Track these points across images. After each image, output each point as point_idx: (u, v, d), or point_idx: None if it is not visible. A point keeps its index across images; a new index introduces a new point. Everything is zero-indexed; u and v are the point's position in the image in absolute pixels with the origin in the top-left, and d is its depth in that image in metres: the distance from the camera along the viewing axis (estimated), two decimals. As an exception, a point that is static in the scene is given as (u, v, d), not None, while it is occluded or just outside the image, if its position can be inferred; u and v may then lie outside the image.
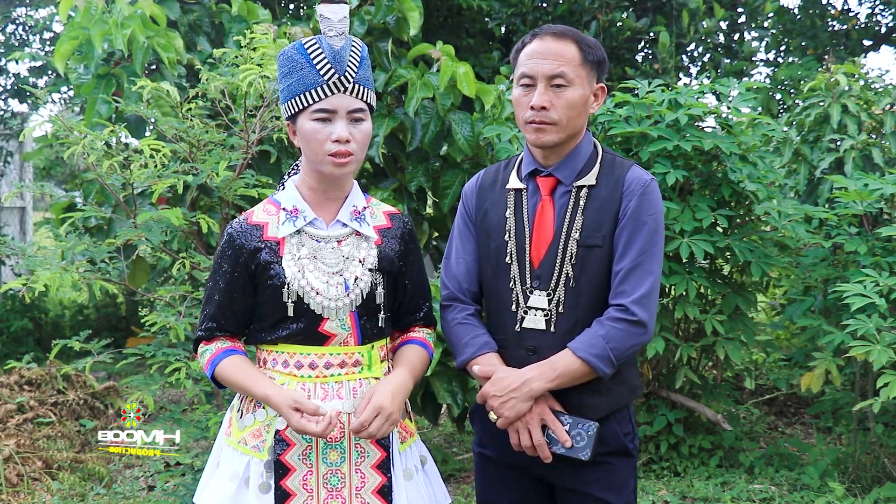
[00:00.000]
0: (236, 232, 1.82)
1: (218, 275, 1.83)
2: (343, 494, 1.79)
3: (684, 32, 6.58)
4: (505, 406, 1.80)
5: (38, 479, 3.82)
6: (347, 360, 1.82)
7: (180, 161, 3.09)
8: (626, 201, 1.83)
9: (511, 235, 1.88)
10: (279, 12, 5.16)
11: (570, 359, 1.79)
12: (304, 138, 1.76)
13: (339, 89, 1.74)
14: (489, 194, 1.95)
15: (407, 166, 4.15)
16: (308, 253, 1.80)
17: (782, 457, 4.10)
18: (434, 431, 4.76)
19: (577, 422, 1.81)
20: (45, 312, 7.44)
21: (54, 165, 10.48)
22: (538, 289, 1.85)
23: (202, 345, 1.86)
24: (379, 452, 1.83)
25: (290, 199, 1.83)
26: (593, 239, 1.82)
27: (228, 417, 1.91)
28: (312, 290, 1.77)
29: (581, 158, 1.89)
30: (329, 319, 1.79)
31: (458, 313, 1.94)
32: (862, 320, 3.16)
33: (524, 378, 1.80)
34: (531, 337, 1.85)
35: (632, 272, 1.80)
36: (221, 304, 1.82)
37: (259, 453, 1.79)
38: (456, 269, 1.97)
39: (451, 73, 3.81)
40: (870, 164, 4.04)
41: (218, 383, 1.87)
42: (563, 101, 1.82)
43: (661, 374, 4.03)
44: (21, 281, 2.86)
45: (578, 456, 1.80)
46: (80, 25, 3.65)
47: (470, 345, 1.89)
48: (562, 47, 1.82)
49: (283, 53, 1.79)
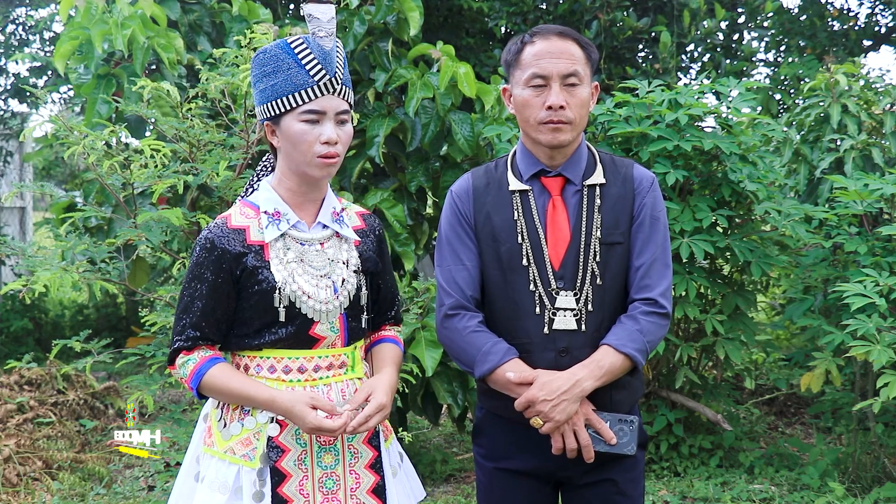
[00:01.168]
0: (216, 237, 1.75)
1: (198, 281, 1.75)
2: (339, 497, 1.77)
3: (685, 32, 6.58)
4: (556, 409, 1.76)
5: (38, 479, 3.82)
6: (335, 363, 1.81)
7: (180, 161, 3.10)
8: (639, 198, 1.87)
9: (524, 237, 1.86)
10: (280, 12, 5.16)
11: (613, 355, 1.80)
12: (291, 140, 1.73)
13: (329, 90, 1.72)
14: (487, 197, 1.91)
15: (407, 166, 4.15)
16: (295, 256, 1.77)
17: (782, 457, 4.10)
18: (434, 431, 4.76)
19: (616, 418, 1.82)
20: (45, 312, 7.44)
21: (54, 165, 10.49)
22: (564, 289, 1.84)
23: (182, 355, 1.77)
24: (371, 452, 1.82)
25: (268, 202, 1.79)
26: (614, 236, 1.85)
27: (206, 427, 1.85)
28: (304, 293, 1.75)
29: (583, 157, 1.90)
30: (319, 322, 1.78)
31: (468, 321, 1.87)
32: (862, 320, 3.16)
33: (575, 378, 1.77)
34: (563, 338, 1.83)
35: (653, 266, 1.85)
36: (204, 312, 1.75)
37: (250, 462, 1.75)
38: (457, 276, 1.89)
39: (452, 73, 3.81)
40: (870, 164, 4.03)
41: (200, 395, 1.79)
42: (577, 99, 1.83)
43: (661, 374, 4.03)
44: (21, 282, 2.86)
45: (624, 451, 1.81)
46: (80, 25, 3.65)
47: (493, 352, 1.82)
48: (569, 46, 1.83)
49: (265, 52, 1.75)
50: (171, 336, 1.86)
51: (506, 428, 1.92)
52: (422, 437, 4.67)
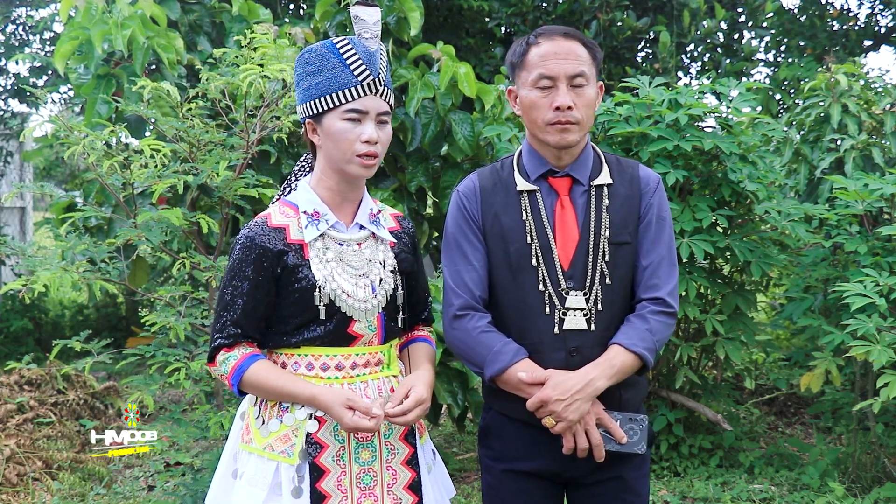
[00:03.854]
0: (257, 235, 1.77)
1: (240, 279, 1.77)
2: (375, 493, 1.80)
3: (685, 32, 6.58)
4: (570, 409, 1.76)
5: (38, 479, 3.82)
6: (371, 360, 1.84)
7: (180, 161, 3.10)
8: (646, 198, 1.89)
9: (534, 237, 1.86)
10: (280, 12, 5.16)
11: (624, 354, 1.81)
12: (332, 138, 1.75)
13: (372, 91, 1.75)
14: (495, 198, 1.91)
15: (407, 166, 4.15)
16: (334, 256, 1.80)
17: (782, 457, 4.10)
18: (434, 431, 4.76)
19: (626, 417, 1.83)
20: (45, 312, 7.44)
21: (54, 165, 10.48)
22: (574, 289, 1.85)
23: (223, 352, 1.79)
24: (407, 448, 1.85)
25: (308, 202, 1.81)
26: (622, 236, 1.86)
27: (244, 424, 1.87)
28: (343, 292, 1.78)
29: (589, 158, 1.91)
30: (357, 321, 1.80)
31: (478, 321, 1.87)
32: (862, 320, 3.16)
33: (588, 378, 1.78)
34: (573, 338, 1.84)
35: (660, 266, 1.87)
36: (245, 309, 1.77)
37: (288, 458, 1.76)
38: (466, 276, 1.89)
39: (452, 73, 3.81)
40: (870, 164, 4.03)
41: (240, 391, 1.81)
42: (584, 99, 1.84)
43: (661, 374, 4.03)
44: (21, 281, 2.86)
45: (634, 450, 1.82)
46: (80, 25, 3.65)
47: (503, 352, 1.82)
48: (574, 47, 1.84)
49: (311, 51, 1.78)
50: (210, 334, 1.88)
51: (514, 429, 1.92)
52: (422, 437, 4.67)
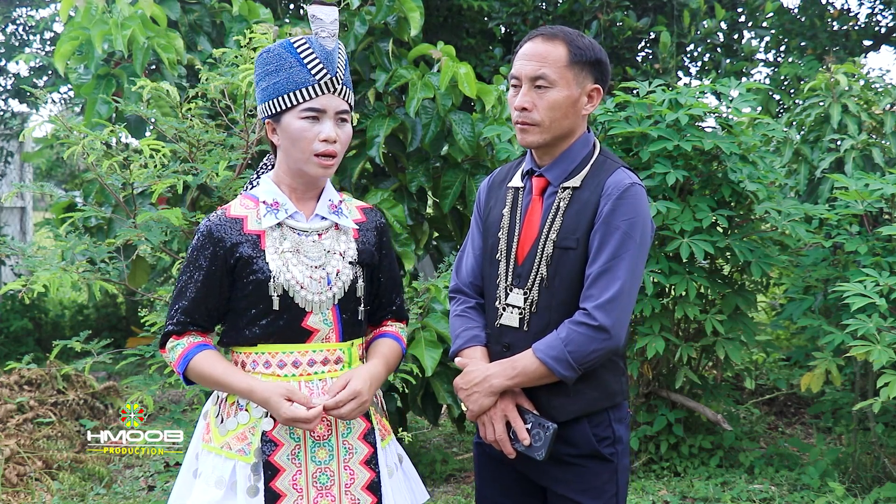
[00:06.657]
0: (214, 225, 1.79)
1: (193, 268, 1.79)
2: (333, 492, 1.78)
3: (685, 32, 6.58)
4: (469, 399, 1.86)
5: (38, 479, 3.82)
6: (330, 357, 1.83)
7: (180, 161, 3.10)
8: (602, 204, 1.80)
9: (504, 232, 1.91)
10: (280, 12, 5.16)
11: (529, 359, 1.81)
12: (291, 137, 1.76)
13: (330, 89, 1.76)
14: (496, 192, 1.99)
15: (407, 166, 4.15)
16: (291, 246, 1.80)
17: (782, 457, 4.10)
18: (434, 431, 4.76)
19: (538, 421, 1.81)
20: (45, 312, 7.44)
21: (54, 165, 10.48)
22: (517, 287, 1.88)
23: (172, 339, 1.81)
24: (366, 448, 1.84)
25: (268, 193, 1.83)
26: (567, 241, 1.82)
27: (205, 423, 1.87)
28: (297, 283, 1.78)
29: (573, 160, 1.88)
30: (312, 314, 1.79)
31: (458, 305, 2.00)
32: (862, 320, 3.16)
33: (486, 374, 1.84)
34: (507, 334, 1.89)
35: (600, 277, 1.77)
36: (196, 298, 1.79)
37: (245, 456, 1.76)
38: (464, 261, 2.03)
39: (452, 73, 3.81)
40: (870, 164, 4.03)
41: (187, 380, 1.83)
42: (545, 102, 1.82)
43: (661, 374, 4.03)
44: (21, 282, 2.86)
45: (534, 455, 1.81)
46: (80, 26, 3.65)
47: (460, 337, 1.94)
48: (548, 48, 1.82)
49: (268, 51, 1.79)
50: (164, 320, 1.90)
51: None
52: (422, 437, 4.67)
